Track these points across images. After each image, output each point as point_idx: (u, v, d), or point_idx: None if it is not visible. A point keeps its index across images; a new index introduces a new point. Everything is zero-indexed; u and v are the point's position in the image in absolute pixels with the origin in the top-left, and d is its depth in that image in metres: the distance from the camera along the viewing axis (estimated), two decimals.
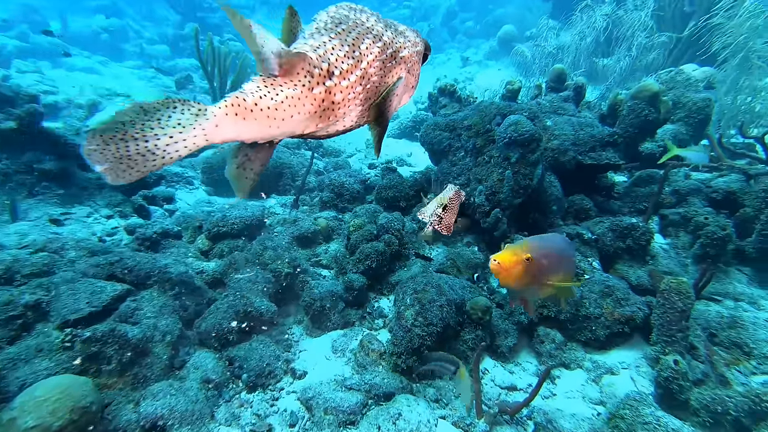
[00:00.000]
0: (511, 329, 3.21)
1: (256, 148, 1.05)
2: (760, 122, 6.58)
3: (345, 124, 1.15)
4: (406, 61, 1.22)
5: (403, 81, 1.23)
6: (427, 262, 3.96)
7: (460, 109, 4.45)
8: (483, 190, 3.64)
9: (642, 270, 3.40)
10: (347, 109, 1.09)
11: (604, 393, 2.69)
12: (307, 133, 1.10)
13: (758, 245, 3.23)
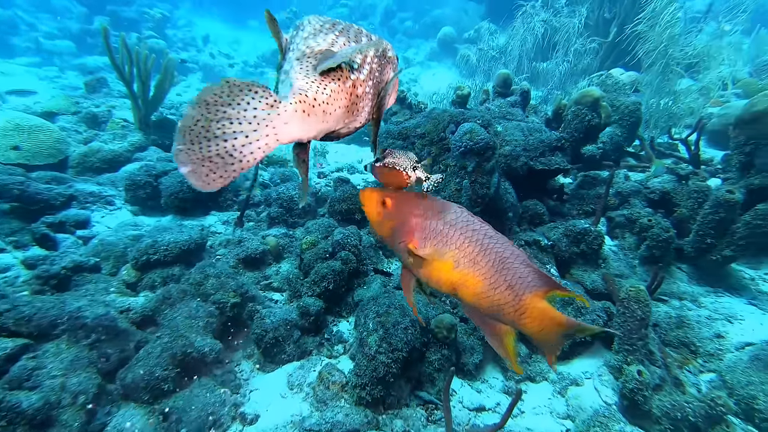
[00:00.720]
0: (476, 345, 3.17)
1: (303, 150, 1.11)
2: (680, 123, 7.26)
3: (360, 121, 1.16)
4: (392, 61, 1.26)
5: (395, 80, 1.28)
6: (386, 277, 3.83)
7: (411, 116, 4.38)
8: None
9: (596, 274, 3.52)
10: (365, 104, 1.12)
11: (570, 406, 2.72)
12: (334, 132, 1.11)
13: (696, 245, 3.47)
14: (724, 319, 3.23)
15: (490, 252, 1.27)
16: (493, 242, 1.29)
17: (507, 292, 1.25)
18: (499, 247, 1.28)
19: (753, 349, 2.87)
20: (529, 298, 1.24)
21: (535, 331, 1.27)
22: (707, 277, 3.64)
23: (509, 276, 1.25)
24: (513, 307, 1.26)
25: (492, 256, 1.26)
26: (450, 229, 1.30)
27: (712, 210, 3.31)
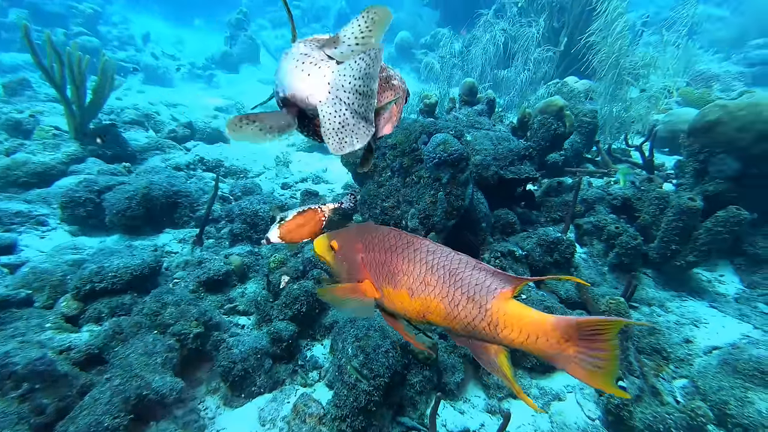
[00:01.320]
0: (457, 363, 3.10)
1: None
2: (631, 130, 7.70)
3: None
4: (395, 90, 1.28)
5: (393, 105, 1.28)
6: None
7: None
8: (416, 213, 3.50)
9: (569, 283, 3.59)
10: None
11: (555, 423, 2.72)
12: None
13: (661, 251, 3.63)
14: (691, 324, 3.39)
15: (437, 268, 1.17)
16: (437, 257, 1.19)
17: (470, 306, 1.13)
18: (444, 260, 1.18)
19: (720, 353, 3.02)
20: (495, 304, 1.12)
21: (525, 342, 1.11)
22: (671, 282, 3.83)
23: (464, 287, 1.14)
24: (485, 321, 1.13)
25: (440, 272, 1.16)
26: (392, 256, 1.22)
27: (675, 217, 3.48)
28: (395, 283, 1.20)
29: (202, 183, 5.35)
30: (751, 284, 3.89)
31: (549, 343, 1.07)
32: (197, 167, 6.18)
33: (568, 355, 1.07)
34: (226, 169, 6.36)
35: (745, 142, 3.84)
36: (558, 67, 9.74)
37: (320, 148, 8.11)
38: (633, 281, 3.01)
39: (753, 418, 2.59)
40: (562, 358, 1.08)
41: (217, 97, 11.88)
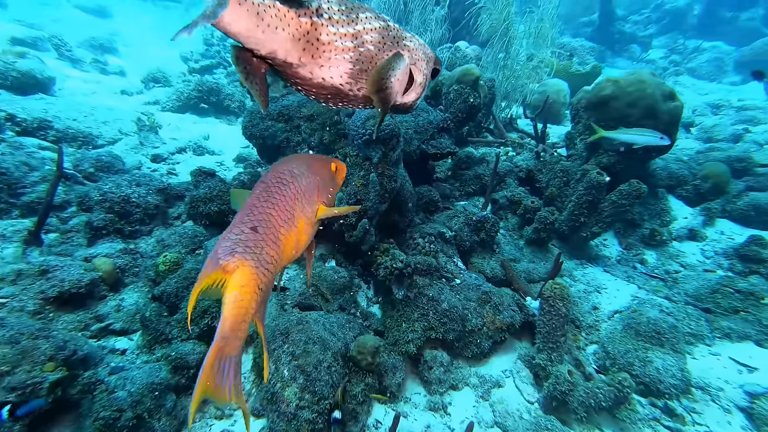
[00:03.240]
0: (398, 362, 2.93)
1: (251, 62, 1.14)
2: (516, 99, 8.19)
3: (332, 75, 1.21)
4: (410, 51, 1.32)
5: (405, 64, 1.30)
6: (282, 293, 3.20)
7: (288, 90, 3.63)
8: (343, 197, 3.08)
9: (493, 260, 3.66)
10: (333, 57, 1.18)
11: (497, 412, 2.77)
12: (290, 69, 1.17)
13: (570, 223, 3.93)
14: (595, 291, 3.80)
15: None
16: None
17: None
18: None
19: (621, 317, 3.42)
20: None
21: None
22: (574, 251, 4.23)
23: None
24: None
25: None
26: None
27: (585, 191, 3.76)
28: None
29: (22, 155, 3.94)
30: (628, 246, 4.54)
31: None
32: (3, 129, 4.56)
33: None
34: (57, 134, 4.85)
35: (634, 118, 4.29)
36: (448, 29, 9.79)
37: (195, 109, 6.85)
38: (560, 259, 3.16)
39: (653, 376, 3.01)
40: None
41: (13, 23, 8.90)
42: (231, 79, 8.62)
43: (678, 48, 16.19)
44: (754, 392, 3.04)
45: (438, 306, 2.96)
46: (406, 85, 1.37)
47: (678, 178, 5.22)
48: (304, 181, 1.27)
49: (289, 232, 1.17)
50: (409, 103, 1.45)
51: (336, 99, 1.31)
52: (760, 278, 3.94)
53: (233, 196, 1.27)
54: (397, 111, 1.49)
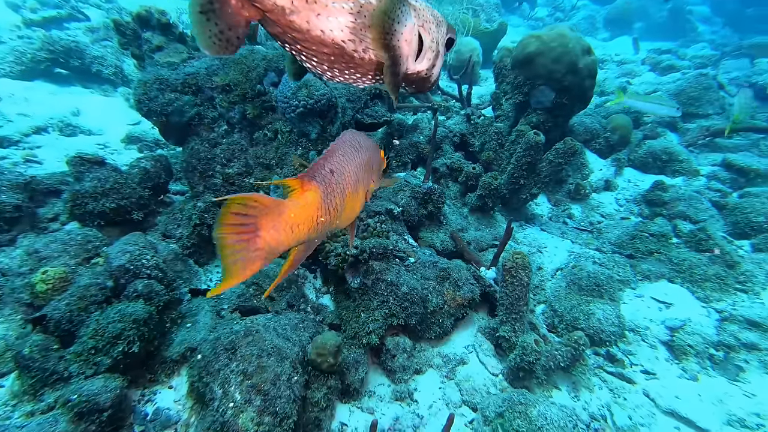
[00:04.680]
0: (360, 356, 2.73)
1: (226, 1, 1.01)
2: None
3: (331, 28, 1.09)
4: (417, 11, 1.24)
5: (412, 26, 1.21)
6: (216, 296, 2.77)
7: (190, 54, 2.93)
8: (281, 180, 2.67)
9: (441, 233, 3.56)
10: (330, 3, 1.06)
11: (464, 390, 2.76)
12: (284, 17, 1.05)
13: (510, 186, 3.95)
14: (537, 251, 3.93)
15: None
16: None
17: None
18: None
19: (563, 274, 3.59)
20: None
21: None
22: (513, 213, 4.31)
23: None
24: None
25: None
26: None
27: (524, 153, 3.77)
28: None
29: None
30: (556, 202, 4.77)
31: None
32: None
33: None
34: None
35: (560, 74, 4.36)
36: None
37: (47, 75, 5.52)
38: (511, 225, 3.15)
39: (596, 327, 3.22)
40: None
41: None
42: (95, 38, 7.00)
43: (560, 6, 17.37)
44: (673, 326, 3.43)
45: (398, 290, 2.78)
46: (416, 48, 1.23)
47: (592, 131, 5.56)
48: (367, 155, 1.30)
49: (353, 194, 1.20)
50: (423, 72, 1.29)
51: (341, 63, 1.17)
52: (663, 219, 4.42)
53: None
54: (412, 84, 1.36)
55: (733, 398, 3.04)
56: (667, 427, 2.85)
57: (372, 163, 1.35)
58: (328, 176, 1.11)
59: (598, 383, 3.03)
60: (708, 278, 3.76)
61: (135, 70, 5.41)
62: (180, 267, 2.79)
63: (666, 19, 16.32)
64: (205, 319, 2.60)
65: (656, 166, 5.79)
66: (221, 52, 1.06)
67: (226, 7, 1.00)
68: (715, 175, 5.61)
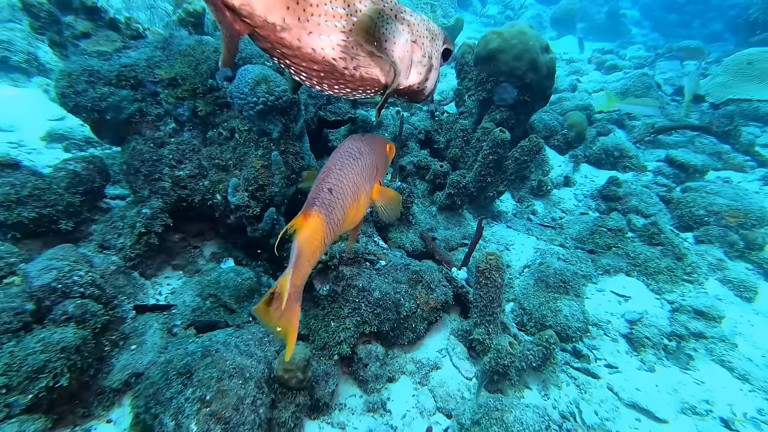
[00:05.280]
0: (330, 368, 2.58)
1: (221, 10, 0.99)
2: None
3: (323, 46, 1.08)
4: (410, 26, 1.23)
5: (404, 42, 1.20)
6: (163, 312, 2.50)
7: (125, 43, 2.56)
8: (241, 183, 2.45)
9: (411, 233, 3.47)
10: (323, 23, 1.05)
11: (438, 397, 2.69)
12: (275, 33, 1.03)
13: (477, 184, 3.91)
14: (505, 249, 3.93)
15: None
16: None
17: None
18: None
19: (531, 271, 3.61)
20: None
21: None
22: (479, 210, 4.29)
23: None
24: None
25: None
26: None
27: (491, 150, 3.74)
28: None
29: None
30: (520, 199, 4.83)
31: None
32: None
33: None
34: None
35: (521, 71, 4.37)
36: None
37: None
38: (482, 224, 3.10)
39: (563, 324, 3.26)
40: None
41: None
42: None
43: (510, 4, 17.87)
44: (632, 319, 3.56)
45: (370, 296, 2.65)
46: (410, 63, 1.23)
47: (551, 128, 5.69)
48: (368, 160, 1.34)
49: (353, 204, 1.26)
50: (414, 86, 1.29)
51: (331, 79, 1.17)
52: (618, 214, 4.60)
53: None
54: (404, 95, 1.35)
55: (686, 386, 3.20)
56: (629, 420, 2.94)
57: (375, 166, 1.38)
58: (327, 198, 1.16)
59: (565, 380, 3.08)
60: (660, 271, 3.95)
61: (55, 59, 4.81)
62: (122, 281, 2.49)
63: (604, 21, 17.27)
64: (154, 338, 2.33)
65: (609, 162, 6.04)
66: (226, 64, 1.08)
67: (223, 18, 1.00)
68: (660, 171, 5.94)
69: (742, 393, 3.21)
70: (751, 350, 3.53)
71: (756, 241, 4.51)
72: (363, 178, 1.30)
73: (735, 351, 3.48)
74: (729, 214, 4.73)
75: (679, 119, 7.65)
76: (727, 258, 4.40)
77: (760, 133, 7.49)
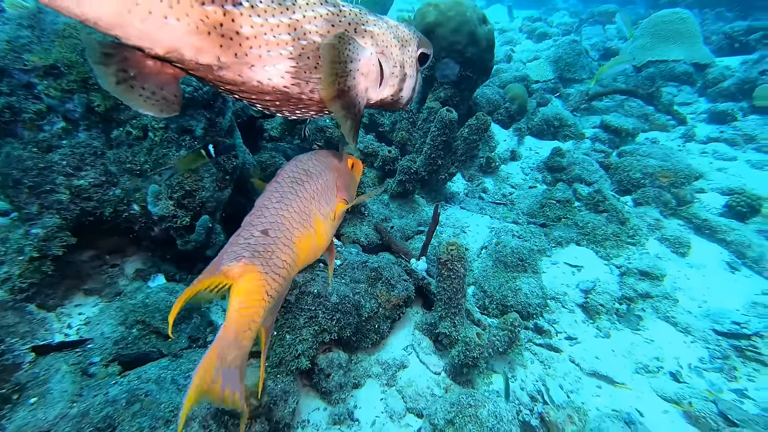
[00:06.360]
0: (288, 385, 2.35)
1: (142, 65, 0.91)
2: None
3: (269, 77, 1.01)
4: (374, 37, 1.15)
5: (368, 56, 1.12)
6: (73, 350, 2.12)
7: None
8: (160, 190, 2.09)
9: (365, 225, 3.26)
10: (266, 53, 0.98)
11: (407, 397, 2.56)
12: (212, 73, 0.96)
13: (428, 167, 3.75)
14: (461, 232, 3.84)
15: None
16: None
17: None
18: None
19: (488, 252, 3.56)
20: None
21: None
22: (431, 194, 4.16)
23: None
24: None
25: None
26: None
27: (439, 132, 3.57)
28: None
29: None
30: (470, 177, 4.76)
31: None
32: None
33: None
34: None
35: (461, 45, 4.21)
36: None
37: None
38: (438, 211, 2.95)
39: (524, 302, 3.25)
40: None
41: None
42: None
43: None
44: (586, 288, 3.65)
45: (327, 302, 2.42)
46: (378, 77, 1.16)
47: (494, 103, 5.65)
48: (321, 180, 1.19)
49: (305, 235, 1.10)
50: (388, 98, 1.22)
51: (290, 106, 1.11)
52: (564, 185, 4.70)
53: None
54: (379, 108, 1.29)
55: (638, 347, 3.34)
56: (591, 389, 3.01)
57: (332, 185, 1.22)
58: (260, 243, 0.99)
59: (530, 357, 3.09)
60: (608, 237, 4.08)
61: None
62: (11, 319, 2.05)
63: None
64: (64, 384, 1.95)
65: (550, 132, 6.15)
66: (170, 112, 0.96)
67: (144, 71, 0.91)
68: (597, 137, 6.16)
69: (686, 345, 3.42)
70: (689, 303, 3.76)
71: (686, 198, 4.82)
72: (316, 202, 1.14)
73: (677, 306, 3.69)
74: (661, 175, 5.00)
75: (609, 83, 8.01)
76: (663, 217, 4.66)
77: (677, 92, 8.04)
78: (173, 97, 0.97)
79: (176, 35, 0.86)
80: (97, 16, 0.76)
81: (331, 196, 1.21)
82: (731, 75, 7.49)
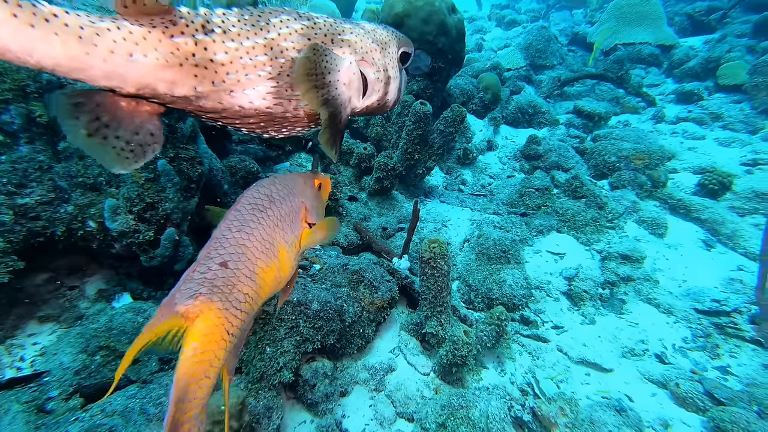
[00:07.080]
0: (271, 400, 2.24)
1: (115, 107, 0.87)
2: None
3: (250, 100, 0.99)
4: (352, 45, 1.13)
5: (348, 66, 1.11)
6: (30, 384, 1.97)
7: None
8: (118, 204, 1.93)
9: (343, 225, 3.15)
10: (243, 77, 0.96)
11: (397, 402, 2.49)
12: (190, 104, 0.94)
13: (405, 163, 3.67)
14: (443, 226, 3.77)
15: None
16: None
17: None
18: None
19: (471, 246, 3.51)
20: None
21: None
22: (410, 189, 4.07)
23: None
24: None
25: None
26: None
27: (414, 126, 3.49)
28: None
29: None
30: (449, 170, 4.71)
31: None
32: None
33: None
34: None
35: (432, 36, 4.13)
36: None
37: None
38: (417, 207, 2.87)
39: (509, 294, 3.22)
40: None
41: None
42: None
43: None
44: (570, 275, 3.65)
45: (308, 309, 2.31)
46: (360, 85, 1.15)
47: (468, 93, 5.60)
48: (286, 206, 1.12)
49: (269, 265, 1.02)
50: (374, 104, 1.21)
51: (276, 126, 1.09)
52: (541, 172, 4.70)
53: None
54: (366, 114, 1.28)
55: (623, 331, 3.36)
56: (580, 376, 3.01)
57: (297, 209, 1.15)
58: (219, 277, 0.90)
59: (518, 350, 3.06)
60: (587, 222, 4.09)
61: None
62: None
63: None
64: (15, 426, 1.78)
65: (525, 120, 6.16)
66: (141, 163, 0.89)
67: (118, 113, 0.86)
68: (571, 123, 6.20)
69: (669, 326, 3.46)
70: (670, 283, 3.82)
71: (660, 179, 4.89)
72: (280, 229, 1.07)
73: (658, 287, 3.74)
74: (636, 157, 5.07)
75: (579, 68, 8.10)
76: (639, 199, 4.72)
77: (645, 74, 8.19)
78: (150, 137, 0.91)
79: (145, 71, 0.83)
80: (54, 62, 0.72)
81: (296, 222, 1.13)
82: (695, 55, 7.67)
